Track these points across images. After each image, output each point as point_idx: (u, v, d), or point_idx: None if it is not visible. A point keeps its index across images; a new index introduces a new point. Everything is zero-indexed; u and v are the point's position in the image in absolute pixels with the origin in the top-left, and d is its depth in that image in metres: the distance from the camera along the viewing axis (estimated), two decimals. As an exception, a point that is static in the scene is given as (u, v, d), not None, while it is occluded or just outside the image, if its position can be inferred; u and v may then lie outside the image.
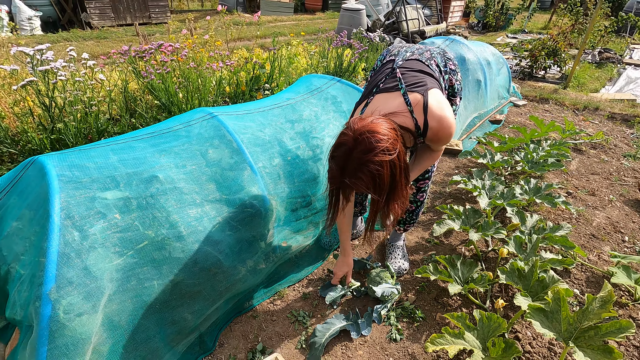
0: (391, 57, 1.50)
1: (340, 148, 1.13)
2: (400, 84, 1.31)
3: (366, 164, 1.07)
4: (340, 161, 1.12)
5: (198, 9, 11.71)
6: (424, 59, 1.46)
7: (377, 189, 1.11)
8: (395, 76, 1.35)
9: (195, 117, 1.89)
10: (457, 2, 10.21)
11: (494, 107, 4.14)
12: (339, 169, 1.13)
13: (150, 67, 2.72)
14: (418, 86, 1.30)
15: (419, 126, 1.29)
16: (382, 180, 1.09)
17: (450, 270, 1.70)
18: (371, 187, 1.10)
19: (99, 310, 1.19)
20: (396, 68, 1.38)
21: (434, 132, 1.29)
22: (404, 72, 1.37)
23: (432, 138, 1.32)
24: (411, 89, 1.30)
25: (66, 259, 1.14)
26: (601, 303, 1.25)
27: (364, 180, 1.09)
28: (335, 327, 1.50)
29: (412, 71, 1.37)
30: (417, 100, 1.28)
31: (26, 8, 6.84)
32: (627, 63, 6.66)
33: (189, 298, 1.44)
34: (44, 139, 2.35)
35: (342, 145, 1.12)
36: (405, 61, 1.43)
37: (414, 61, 1.43)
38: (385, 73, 1.40)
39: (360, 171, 1.09)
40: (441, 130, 1.28)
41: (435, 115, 1.26)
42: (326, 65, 4.37)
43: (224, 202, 1.61)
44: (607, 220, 2.36)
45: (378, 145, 1.07)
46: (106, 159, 1.47)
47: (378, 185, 1.11)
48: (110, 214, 1.30)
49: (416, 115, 1.27)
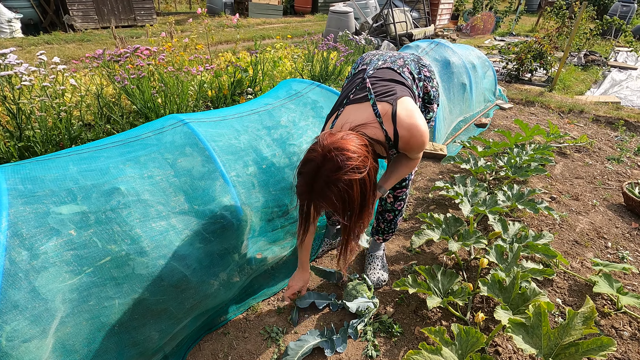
0: (363, 66, 1.45)
1: (308, 164, 1.08)
2: (370, 94, 1.27)
3: (335, 182, 1.03)
4: (307, 178, 1.08)
5: (185, 11, 11.59)
6: (396, 67, 1.41)
7: (345, 209, 1.07)
8: (365, 86, 1.30)
9: (167, 125, 1.82)
10: (445, 5, 10.26)
11: (480, 110, 4.13)
12: (307, 186, 1.08)
13: (124, 72, 2.63)
14: (387, 95, 1.25)
15: (389, 137, 1.24)
16: (352, 199, 1.05)
17: (430, 282, 1.65)
18: (340, 207, 1.06)
19: (50, 334, 1.11)
20: (366, 78, 1.34)
21: (405, 141, 1.24)
22: (374, 81, 1.32)
23: (404, 147, 1.27)
24: (380, 99, 1.25)
25: (12, 281, 1.06)
26: (583, 319, 1.21)
27: (332, 199, 1.04)
28: (309, 344, 1.44)
29: (383, 80, 1.33)
30: (385, 110, 1.23)
31: (5, 10, 6.67)
32: (612, 65, 6.73)
33: (153, 317, 1.37)
34: (11, 147, 2.25)
35: (310, 162, 1.07)
36: (376, 70, 1.38)
37: (386, 70, 1.39)
38: (356, 83, 1.35)
39: (329, 189, 1.04)
40: (412, 138, 1.23)
41: (405, 124, 1.21)
42: (311, 69, 4.32)
43: (194, 214, 1.54)
44: (591, 226, 2.34)
45: (347, 164, 1.02)
46: (65, 170, 1.39)
47: (348, 204, 1.06)
48: (65, 230, 1.22)
49: (385, 126, 1.23)
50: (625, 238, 2.24)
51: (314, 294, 1.70)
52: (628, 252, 2.11)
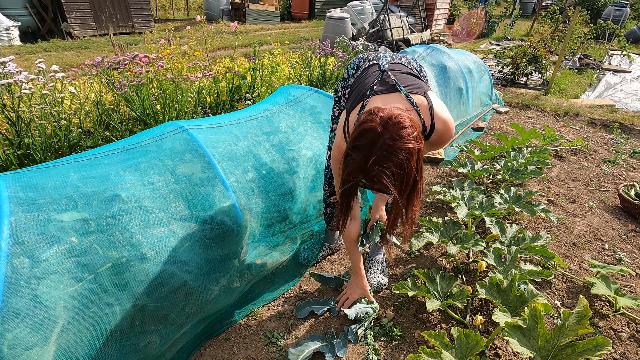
0: (371, 62, 1.46)
1: (365, 135, 1.03)
2: (398, 86, 1.28)
3: (396, 151, 0.99)
4: (365, 150, 1.02)
5: (183, 18, 11.65)
6: (405, 62, 1.45)
7: (403, 182, 1.03)
8: (389, 78, 1.31)
9: (166, 131, 1.83)
10: (440, 10, 10.36)
11: (476, 114, 4.16)
12: (364, 159, 1.03)
13: (123, 79, 2.65)
14: (415, 88, 1.28)
15: (425, 127, 1.25)
16: (410, 170, 1.02)
17: (429, 285, 1.66)
18: (398, 178, 1.02)
19: (51, 342, 1.12)
20: (386, 71, 1.34)
21: (440, 134, 1.27)
22: (395, 74, 1.33)
23: (435, 140, 1.29)
24: (410, 91, 1.27)
25: (14, 289, 1.07)
26: (577, 319, 1.22)
27: (391, 169, 1.00)
28: (309, 349, 1.44)
29: (402, 74, 1.35)
30: (421, 101, 1.25)
31: (4, 18, 6.69)
32: (606, 69, 6.80)
33: (154, 323, 1.37)
34: (10, 155, 2.25)
35: (368, 132, 1.02)
36: (390, 64, 1.40)
37: (398, 64, 1.41)
38: (374, 76, 1.35)
39: (389, 160, 1.00)
40: (446, 132, 1.27)
41: (441, 118, 1.25)
42: (309, 75, 4.35)
43: (194, 220, 1.55)
44: (588, 228, 2.36)
45: (409, 132, 1.01)
46: (65, 177, 1.40)
47: (406, 177, 1.03)
48: (66, 237, 1.23)
49: (423, 116, 1.24)
50: (622, 240, 2.26)
51: (314, 300, 1.71)
52: (625, 253, 2.12)
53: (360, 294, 1.64)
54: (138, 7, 8.34)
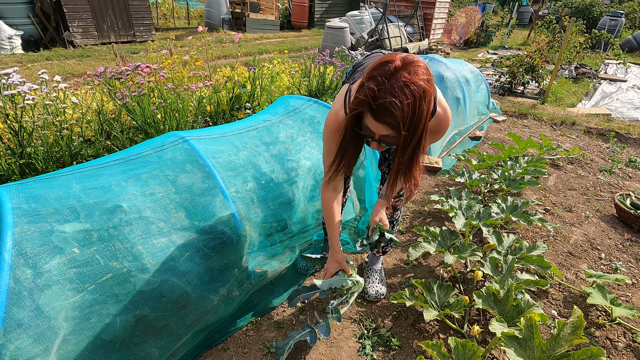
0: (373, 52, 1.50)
1: (384, 67, 1.04)
2: None
3: (411, 85, 1.00)
4: (381, 79, 1.02)
5: (184, 27, 11.76)
6: None
7: (412, 124, 1.03)
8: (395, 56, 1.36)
9: (167, 142, 1.85)
10: (438, 20, 10.49)
11: (474, 123, 4.20)
12: (378, 86, 1.02)
13: (125, 90, 2.68)
14: None
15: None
16: (420, 114, 1.03)
17: (426, 295, 1.67)
18: (408, 116, 1.01)
19: (52, 352, 1.13)
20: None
21: (439, 120, 1.31)
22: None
23: (433, 127, 1.31)
24: None
25: (16, 300, 1.08)
26: (572, 329, 1.23)
27: (403, 102, 1.00)
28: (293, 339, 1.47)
29: None
30: None
31: (6, 27, 6.76)
32: (602, 78, 6.88)
33: (154, 333, 1.38)
34: (12, 164, 2.27)
35: (388, 64, 1.03)
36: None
37: None
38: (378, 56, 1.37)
39: (403, 93, 1.00)
40: (445, 119, 1.32)
41: (443, 104, 1.31)
42: (308, 84, 4.40)
43: (194, 230, 1.57)
44: (584, 237, 2.38)
45: (424, 73, 1.03)
46: (68, 188, 1.42)
47: (415, 121, 1.03)
48: (68, 248, 1.25)
49: None
50: (618, 249, 2.28)
51: (303, 288, 1.67)
52: (621, 262, 2.14)
53: (337, 268, 1.61)
54: (139, 16, 8.43)
